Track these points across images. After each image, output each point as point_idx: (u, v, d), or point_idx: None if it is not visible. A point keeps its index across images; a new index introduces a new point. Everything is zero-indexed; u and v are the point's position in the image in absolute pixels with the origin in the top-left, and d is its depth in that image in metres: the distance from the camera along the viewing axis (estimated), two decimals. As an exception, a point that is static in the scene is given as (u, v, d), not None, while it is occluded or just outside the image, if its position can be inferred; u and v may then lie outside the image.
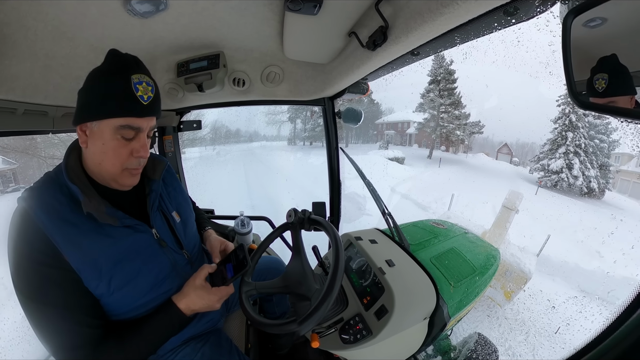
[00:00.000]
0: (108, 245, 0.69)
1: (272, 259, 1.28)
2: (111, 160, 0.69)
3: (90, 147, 0.69)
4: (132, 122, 0.68)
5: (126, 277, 0.71)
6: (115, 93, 0.65)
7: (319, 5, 0.71)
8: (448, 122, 21.37)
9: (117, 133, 0.67)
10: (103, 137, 0.67)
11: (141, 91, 0.67)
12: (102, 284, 0.67)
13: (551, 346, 3.64)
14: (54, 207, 0.65)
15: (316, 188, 10.04)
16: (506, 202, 4.83)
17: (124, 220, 0.72)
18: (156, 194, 0.84)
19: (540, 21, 0.62)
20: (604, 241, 8.16)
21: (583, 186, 15.06)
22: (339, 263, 0.73)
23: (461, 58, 24.08)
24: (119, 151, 0.69)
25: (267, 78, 1.30)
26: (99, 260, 0.67)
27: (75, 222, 0.66)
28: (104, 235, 0.69)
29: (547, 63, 33.27)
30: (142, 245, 0.75)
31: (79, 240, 0.65)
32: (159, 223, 0.82)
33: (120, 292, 0.70)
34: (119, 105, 0.65)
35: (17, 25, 0.73)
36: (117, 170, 0.71)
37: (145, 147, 0.73)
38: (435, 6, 0.55)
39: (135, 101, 0.66)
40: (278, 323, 0.73)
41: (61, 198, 0.67)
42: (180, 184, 0.99)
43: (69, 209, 0.66)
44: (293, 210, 0.92)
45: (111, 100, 0.65)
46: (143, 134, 0.71)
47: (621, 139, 16.45)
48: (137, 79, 0.66)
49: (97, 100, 0.66)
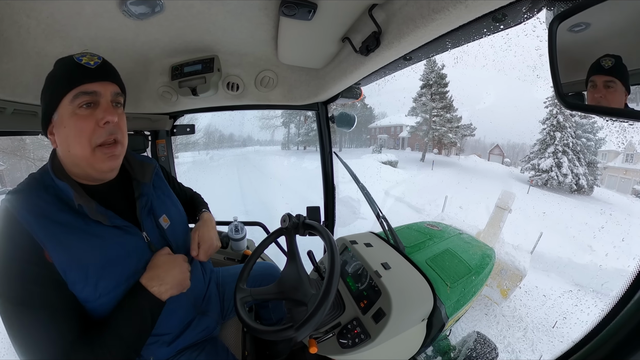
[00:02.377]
0: (96, 246, 0.66)
1: (267, 264, 1.27)
2: (77, 139, 0.65)
3: (58, 141, 0.67)
4: (84, 88, 0.64)
5: (114, 281, 0.67)
6: (61, 72, 0.65)
7: (313, 11, 0.72)
8: (440, 125, 21.62)
9: (74, 107, 0.64)
10: (63, 121, 0.65)
11: (85, 59, 0.65)
12: (88, 288, 0.64)
13: (550, 340, 3.68)
14: (39, 206, 0.62)
15: (310, 193, 10.02)
16: (499, 202, 4.92)
17: (114, 219, 0.69)
18: (147, 198, 0.81)
19: (528, 27, 0.64)
20: (595, 235, 8.34)
21: (572, 183, 15.38)
22: (335, 267, 0.73)
23: (452, 62, 24.57)
24: (81, 125, 0.65)
25: (261, 82, 1.30)
26: (86, 261, 0.64)
27: (62, 221, 0.63)
28: (93, 235, 0.66)
29: (535, 66, 34.18)
30: (132, 248, 0.72)
31: (66, 239, 0.62)
32: (150, 227, 0.79)
33: (107, 297, 0.66)
34: (66, 79, 0.64)
35: (9, 21, 0.71)
36: (87, 151, 0.66)
37: (111, 110, 0.68)
38: (427, 12, 0.56)
39: (81, 67, 0.64)
40: (275, 329, 0.72)
41: (47, 197, 0.64)
42: (169, 187, 0.96)
43: (56, 208, 0.64)
44: (287, 215, 0.92)
45: (59, 79, 0.65)
46: (104, 100, 0.67)
47: (607, 137, 16.93)
48: (78, 55, 0.66)
49: (48, 91, 0.66)
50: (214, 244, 0.94)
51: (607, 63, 0.46)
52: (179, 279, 0.74)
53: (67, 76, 0.64)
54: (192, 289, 0.86)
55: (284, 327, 0.70)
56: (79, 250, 0.63)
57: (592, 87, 0.48)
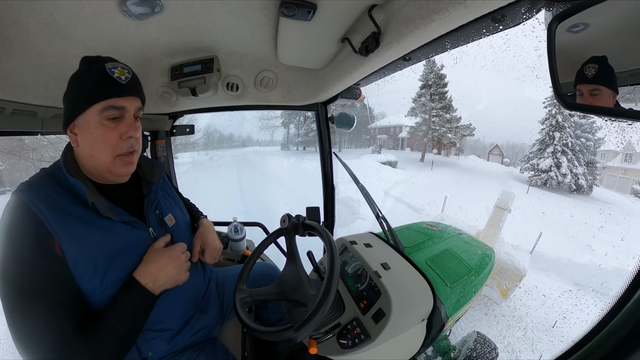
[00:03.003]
0: (106, 238, 0.69)
1: (266, 265, 1.27)
2: (101, 148, 0.70)
3: (81, 142, 0.70)
4: (114, 102, 0.68)
5: (120, 272, 0.70)
6: (93, 81, 0.67)
7: (313, 12, 0.72)
8: (440, 126, 21.64)
9: (102, 117, 0.68)
10: (89, 127, 0.68)
11: (117, 73, 0.68)
12: (96, 279, 0.66)
13: (549, 340, 3.69)
14: (52, 198, 0.65)
15: (310, 193, 10.02)
16: (499, 202, 4.93)
17: (123, 216, 0.73)
18: (155, 195, 0.85)
19: (526, 27, 0.64)
20: (594, 235, 8.34)
21: (572, 183, 15.42)
22: (335, 268, 0.73)
23: (452, 63, 24.61)
24: (107, 136, 0.69)
25: (261, 83, 1.30)
26: (96, 252, 0.66)
27: (75, 213, 0.66)
28: (103, 228, 0.69)
29: (534, 67, 34.26)
30: (139, 242, 0.75)
31: (78, 230, 0.65)
32: (156, 224, 0.83)
33: (112, 288, 0.69)
34: (98, 89, 0.67)
35: (9, 21, 0.71)
36: (109, 159, 0.71)
37: (134, 126, 0.73)
38: (427, 13, 0.57)
39: (113, 81, 0.68)
40: (274, 330, 0.72)
41: (60, 191, 0.67)
42: (173, 189, 1.00)
43: (68, 201, 0.67)
44: (287, 215, 0.92)
45: (90, 88, 0.67)
46: (129, 115, 0.72)
47: (606, 137, 16.95)
48: (111, 65, 0.69)
49: (78, 94, 0.68)
50: (218, 246, 1.00)
51: (590, 72, 0.48)
52: (173, 275, 0.76)
53: (99, 87, 0.67)
54: (192, 286, 0.88)
55: (284, 327, 0.70)
56: (90, 241, 0.66)
57: (580, 95, 0.49)
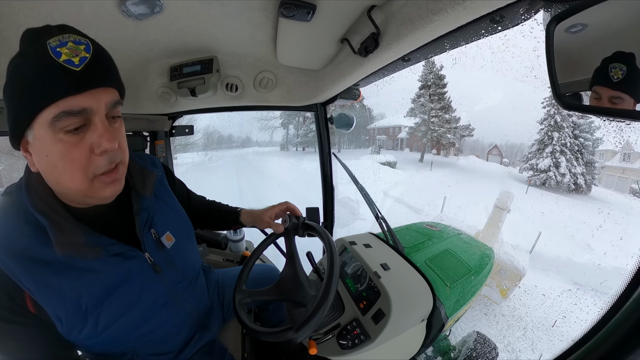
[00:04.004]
0: (92, 283, 0.56)
1: (266, 266, 1.26)
2: (68, 173, 0.50)
3: (39, 166, 0.51)
4: (67, 105, 0.46)
5: (116, 314, 0.60)
6: (31, 73, 0.45)
7: (312, 12, 0.72)
8: (439, 126, 21.69)
9: (55, 130, 0.47)
10: (43, 147, 0.48)
11: (66, 54, 0.45)
12: (88, 327, 0.56)
13: (549, 339, 3.71)
14: (20, 243, 0.51)
15: (309, 194, 10.01)
16: (498, 202, 4.94)
17: (111, 247, 0.59)
18: (147, 213, 0.69)
19: (525, 28, 0.65)
20: (593, 234, 8.37)
21: (570, 183, 15.49)
22: (334, 268, 0.73)
23: (451, 63, 24.68)
24: (71, 156, 0.48)
25: (260, 84, 1.30)
26: (82, 300, 0.55)
27: (48, 259, 0.52)
28: (85, 271, 0.56)
29: (532, 67, 34.41)
30: (134, 274, 0.63)
31: (55, 282, 0.53)
32: (152, 245, 0.68)
33: (109, 331, 0.59)
34: (37, 87, 0.44)
35: (8, 21, 0.71)
36: (83, 184, 0.51)
37: (109, 133, 0.51)
38: (426, 13, 0.57)
39: (58, 71, 0.44)
40: (274, 331, 0.72)
41: (26, 230, 0.52)
42: (174, 197, 0.83)
43: (38, 243, 0.52)
44: (287, 215, 0.92)
45: (27, 86, 0.45)
46: (97, 117, 0.49)
47: (604, 137, 17.03)
48: (55, 42, 0.45)
49: (15, 97, 0.47)
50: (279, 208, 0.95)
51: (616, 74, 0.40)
52: None
53: (39, 83, 0.44)
54: (195, 308, 0.83)
55: (283, 328, 0.69)
56: (72, 292, 0.54)
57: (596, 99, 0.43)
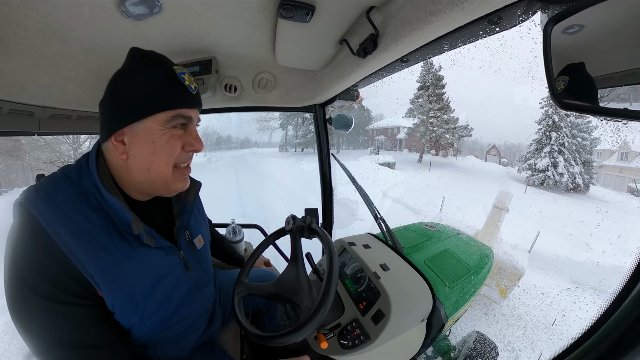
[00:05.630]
0: (144, 273, 0.63)
1: (265, 271, 1.25)
2: (164, 158, 0.62)
3: (136, 153, 0.60)
4: (184, 112, 0.62)
5: (158, 304, 0.66)
6: (163, 85, 0.60)
7: (311, 13, 0.73)
8: (437, 127, 21.72)
9: (169, 125, 0.61)
10: (152, 135, 0.60)
11: (187, 81, 0.63)
12: (137, 316, 0.62)
13: (549, 338, 3.71)
14: (85, 228, 0.54)
15: (308, 194, 10.02)
16: (497, 202, 4.96)
17: (158, 241, 0.67)
18: (188, 217, 0.79)
19: (523, 29, 0.65)
20: (591, 233, 8.39)
21: (569, 182, 15.55)
22: (333, 272, 0.72)
23: (449, 64, 24.75)
24: (172, 144, 0.62)
25: (259, 84, 1.30)
26: (135, 290, 0.61)
27: (110, 247, 0.57)
28: (139, 261, 0.61)
29: (530, 68, 34.62)
30: (172, 269, 0.71)
31: (116, 270, 0.57)
32: (185, 245, 0.78)
33: (150, 320, 0.65)
34: (170, 96, 0.60)
35: (6, 20, 0.71)
36: (169, 170, 0.64)
37: (199, 139, 0.67)
38: (424, 15, 0.57)
39: (186, 90, 0.62)
40: (273, 335, 0.71)
41: (90, 214, 0.56)
42: (203, 207, 0.94)
43: (101, 229, 0.56)
44: (292, 217, 0.90)
45: (160, 93, 0.59)
46: (193, 126, 0.67)
47: (602, 136, 17.12)
48: (179, 70, 0.62)
49: (141, 98, 0.59)
50: None
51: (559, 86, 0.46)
52: None
53: (170, 94, 0.60)
54: (211, 303, 0.88)
55: (282, 332, 0.69)
56: (130, 281, 0.60)
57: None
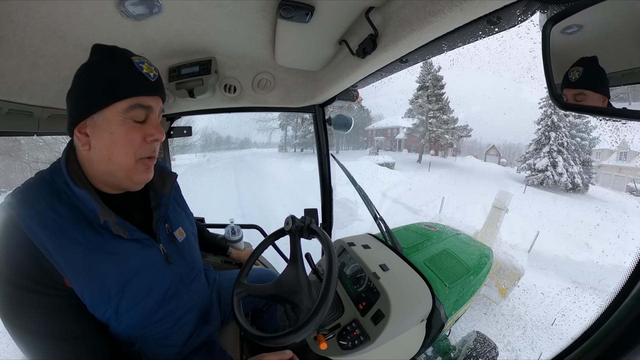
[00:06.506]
0: (116, 265, 0.62)
1: (265, 270, 1.26)
2: (124, 149, 0.61)
3: (96, 144, 0.61)
4: (143, 101, 0.62)
5: (135, 298, 0.65)
6: (120, 74, 0.59)
7: (310, 14, 0.73)
8: (437, 127, 21.74)
9: (127, 116, 0.60)
10: (111, 126, 0.60)
11: (146, 69, 0.62)
12: (110, 309, 0.61)
13: (549, 338, 3.71)
14: (53, 219, 0.56)
15: (308, 195, 10.01)
16: (496, 202, 4.97)
17: (133, 232, 0.66)
18: (165, 209, 0.78)
19: (522, 29, 0.65)
20: (591, 233, 8.38)
21: (568, 182, 15.57)
22: (333, 274, 0.72)
23: (448, 64, 24.78)
24: (131, 136, 0.61)
25: (258, 85, 1.30)
26: (107, 283, 0.60)
27: (79, 238, 0.58)
28: (111, 254, 0.62)
29: (529, 68, 34.67)
30: (151, 262, 0.69)
31: (85, 261, 0.58)
32: (165, 238, 0.76)
33: (127, 315, 0.64)
34: (126, 84, 0.59)
35: (6, 20, 0.71)
36: (130, 162, 0.63)
37: (159, 128, 0.66)
38: (423, 15, 0.57)
39: (143, 78, 0.61)
40: (272, 336, 0.71)
41: (60, 208, 0.58)
42: (184, 199, 0.94)
43: (71, 221, 0.58)
44: (291, 217, 0.90)
45: (117, 82, 0.59)
46: (154, 115, 0.66)
47: (601, 136, 17.14)
48: (138, 60, 0.62)
49: (98, 88, 0.59)
50: None
51: (574, 75, 0.46)
52: None
53: (127, 82, 0.60)
54: (200, 299, 0.86)
55: (282, 333, 0.69)
56: (100, 272, 0.59)
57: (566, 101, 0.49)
